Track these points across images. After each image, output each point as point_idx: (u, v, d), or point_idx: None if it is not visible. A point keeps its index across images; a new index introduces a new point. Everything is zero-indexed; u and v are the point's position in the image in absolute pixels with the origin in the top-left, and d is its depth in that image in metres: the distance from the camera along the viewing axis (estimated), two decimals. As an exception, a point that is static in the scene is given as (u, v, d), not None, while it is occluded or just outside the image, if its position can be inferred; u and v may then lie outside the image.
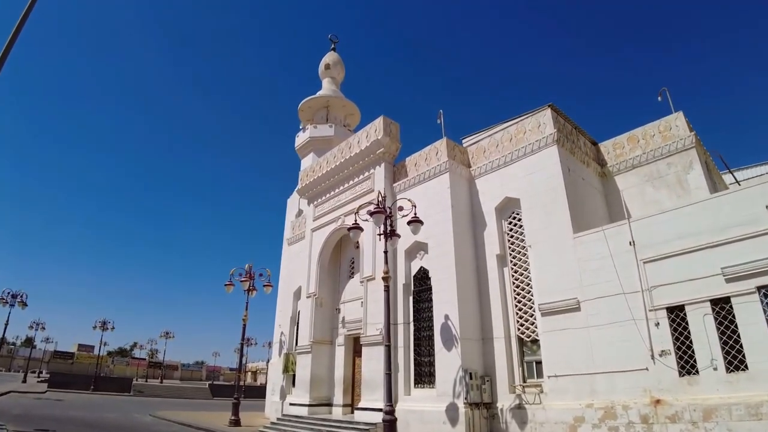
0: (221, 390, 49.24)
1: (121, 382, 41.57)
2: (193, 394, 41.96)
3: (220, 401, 39.41)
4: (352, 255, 19.14)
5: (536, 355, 12.45)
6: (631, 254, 10.93)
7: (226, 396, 45.70)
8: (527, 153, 13.91)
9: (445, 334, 12.93)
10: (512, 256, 13.72)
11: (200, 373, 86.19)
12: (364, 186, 17.77)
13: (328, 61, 32.24)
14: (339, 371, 17.66)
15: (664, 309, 10.15)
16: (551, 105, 14.09)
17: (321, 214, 19.99)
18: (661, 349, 9.97)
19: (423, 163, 16.02)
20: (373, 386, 14.22)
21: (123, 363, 65.90)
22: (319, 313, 18.61)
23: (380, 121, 17.14)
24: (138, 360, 70.48)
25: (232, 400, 19.10)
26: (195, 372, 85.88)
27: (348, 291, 18.56)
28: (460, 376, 12.16)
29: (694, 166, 13.73)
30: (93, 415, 19.43)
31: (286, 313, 22.00)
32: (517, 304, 13.17)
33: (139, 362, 68.55)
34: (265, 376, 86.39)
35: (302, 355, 18.34)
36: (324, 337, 18.40)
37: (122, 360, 67.78)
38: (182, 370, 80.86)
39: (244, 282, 20.33)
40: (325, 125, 28.90)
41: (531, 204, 13.28)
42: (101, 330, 42.24)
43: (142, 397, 36.47)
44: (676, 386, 9.62)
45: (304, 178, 21.32)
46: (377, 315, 15.01)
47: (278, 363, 21.34)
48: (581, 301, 11.39)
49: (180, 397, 39.50)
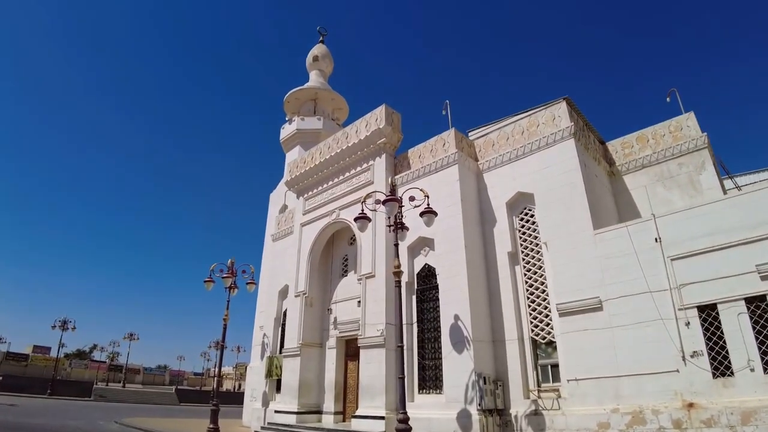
0: (188, 395, 46.92)
1: (81, 386, 38.75)
2: (159, 399, 39.59)
3: (188, 407, 37.32)
4: (346, 252, 18.10)
5: (552, 358, 11.77)
6: (657, 251, 10.42)
7: (194, 401, 43.56)
8: (541, 146, 13.31)
9: (456, 336, 12.08)
10: (525, 254, 13.04)
11: (163, 378, 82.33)
12: (362, 178, 16.80)
13: (316, 53, 31.16)
14: (330, 376, 16.52)
15: (695, 308, 9.66)
16: (566, 98, 13.57)
17: (312, 208, 18.86)
18: (692, 350, 9.46)
19: (428, 155, 15.21)
20: (372, 392, 13.20)
21: (81, 366, 61.82)
22: (309, 313, 17.44)
23: (382, 110, 16.24)
24: (98, 363, 66.45)
25: (210, 407, 17.57)
26: (158, 376, 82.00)
27: (341, 290, 17.48)
28: (472, 381, 11.32)
29: (706, 167, 13.50)
30: (53, 422, 17.52)
31: (269, 314, 20.61)
32: (530, 304, 12.48)
33: (99, 365, 64.61)
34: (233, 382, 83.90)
35: (290, 359, 17.10)
36: (313, 340, 17.23)
37: (81, 363, 63.60)
38: (144, 374, 76.90)
39: (226, 278, 18.86)
40: (313, 118, 27.80)
41: (546, 199, 12.65)
42: (61, 330, 39.27)
43: (104, 402, 33.98)
44: (710, 389, 9.11)
45: (294, 169, 20.14)
46: (377, 315, 14.04)
47: (260, 367, 19.94)
48: (603, 300, 10.79)
49: (145, 402, 37.11)
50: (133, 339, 54.55)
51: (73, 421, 18.72)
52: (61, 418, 19.23)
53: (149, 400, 38.20)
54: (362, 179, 16.74)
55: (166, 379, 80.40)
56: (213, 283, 19.11)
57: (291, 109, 29.71)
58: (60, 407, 25.58)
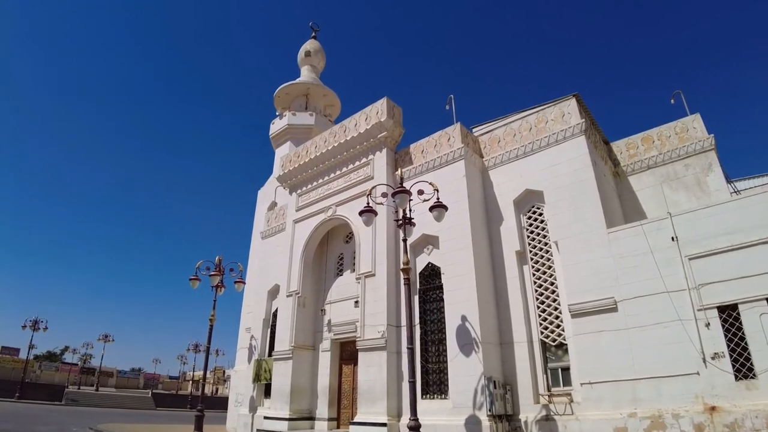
0: (165, 399, 45.25)
1: (51, 389, 36.79)
2: (135, 404, 37.89)
3: (165, 412, 35.85)
4: (341, 250, 17.41)
5: (562, 361, 11.34)
6: (674, 251, 10.11)
7: (170, 406, 42.02)
8: (551, 143, 12.95)
9: (463, 338, 11.54)
10: (533, 253, 12.62)
11: (137, 381, 79.51)
12: (361, 173, 16.18)
13: (309, 48, 30.44)
14: (323, 380, 15.77)
15: (715, 308, 9.35)
16: (576, 95, 13.26)
17: (306, 204, 18.13)
18: (713, 352, 9.13)
19: (432, 150, 14.70)
20: (373, 397, 12.53)
21: (52, 368, 58.85)
22: (302, 314, 16.66)
23: (383, 103, 15.67)
24: (69, 365, 63.44)
25: (195, 412, 16.67)
26: (132, 379, 79.14)
27: (335, 290, 16.77)
28: (482, 385, 10.78)
29: (713, 168, 13.35)
30: (23, 429, 16.24)
31: (257, 315, 19.71)
32: (539, 305, 12.05)
33: (70, 368, 61.65)
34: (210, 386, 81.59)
35: (281, 362, 16.26)
36: (306, 342, 16.44)
37: (51, 365, 60.59)
38: (118, 378, 73.97)
39: (214, 276, 17.94)
40: (304, 113, 27.05)
41: (556, 197, 12.27)
42: (32, 330, 37.14)
43: (76, 406, 32.29)
44: (732, 391, 8.79)
45: (286, 164, 19.37)
46: (378, 316, 13.40)
47: (247, 371, 19.01)
48: (618, 300, 10.42)
49: (120, 406, 35.42)
50: (108, 340, 52.30)
51: (44, 427, 17.46)
52: (32, 424, 17.94)
53: (124, 405, 36.48)
54: (361, 174, 16.12)
55: (140, 383, 77.74)
56: (199, 281, 18.25)
57: (281, 105, 28.90)
58: (29, 412, 24.03)
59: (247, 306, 23.14)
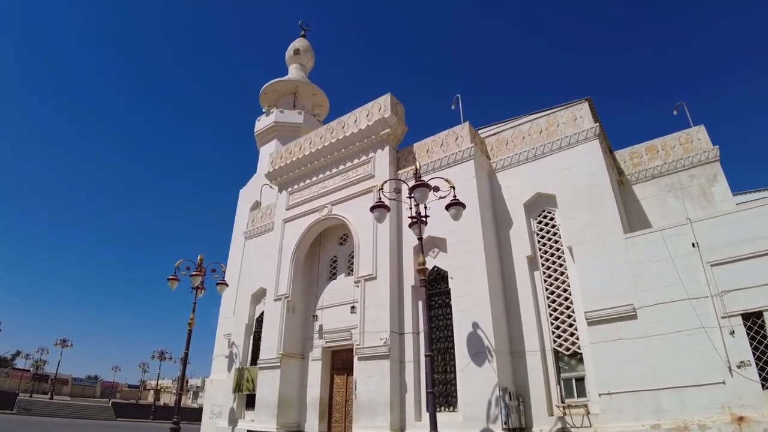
0: (126, 409, 42.56)
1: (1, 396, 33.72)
2: (94, 414, 35.28)
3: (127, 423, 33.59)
4: (335, 252, 16.55)
5: (576, 371, 10.87)
6: (695, 257, 9.84)
7: (133, 416, 39.52)
8: (563, 146, 12.62)
9: (475, 346, 10.90)
10: (544, 259, 12.18)
11: (94, 389, 74.80)
12: (360, 171, 15.45)
13: (298, 46, 29.65)
14: (313, 391, 14.78)
15: (739, 316, 9.09)
16: (588, 99, 13.03)
17: (297, 203, 17.21)
18: (739, 360, 8.84)
19: (438, 150, 14.15)
20: (373, 410, 11.69)
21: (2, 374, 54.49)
22: (291, 320, 15.67)
23: (387, 99, 15.05)
24: (21, 371, 58.84)
25: (170, 425, 15.30)
26: (88, 388, 74.36)
27: (328, 294, 15.86)
28: (496, 396, 10.15)
29: (718, 179, 13.38)
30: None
31: (239, 320, 18.48)
32: (551, 312, 11.58)
33: (22, 374, 57.16)
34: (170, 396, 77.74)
35: (267, 371, 15.16)
36: (294, 350, 15.43)
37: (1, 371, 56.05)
38: (73, 385, 69.26)
39: (195, 276, 16.64)
40: (293, 111, 26.20)
41: (570, 201, 11.90)
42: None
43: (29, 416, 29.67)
44: (760, 401, 8.48)
45: (276, 160, 18.41)
46: (379, 322, 12.62)
47: (227, 380, 17.74)
48: (638, 307, 10.04)
49: (78, 416, 32.83)
50: (66, 345, 48.85)
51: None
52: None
53: (83, 415, 33.83)
54: (360, 172, 15.38)
55: (96, 391, 73.28)
56: (178, 281, 16.85)
57: (268, 101, 27.87)
58: (-25, 424, 21.72)
59: (225, 311, 21.86)
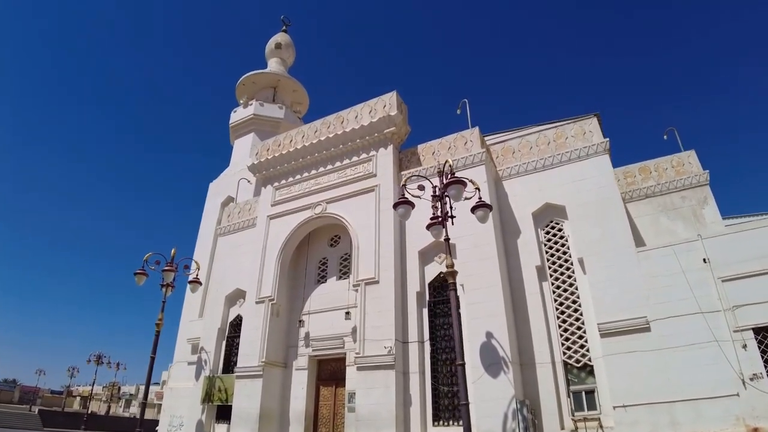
0: (55, 418, 37.98)
1: None
2: (16, 423, 31.03)
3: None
4: (325, 253, 15.60)
5: (585, 384, 10.69)
6: (706, 272, 10.07)
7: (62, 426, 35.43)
8: (572, 159, 12.65)
9: (489, 357, 10.42)
10: (553, 269, 12.04)
11: (11, 395, 66.91)
12: (360, 169, 14.73)
13: (279, 40, 28.57)
14: (297, 404, 13.66)
15: (751, 330, 9.37)
16: (597, 114, 13.23)
17: (286, 199, 16.16)
18: (752, 373, 9.05)
19: (445, 153, 13.75)
20: (376, 424, 10.84)
21: None
22: (275, 324, 14.50)
23: (393, 97, 14.52)
24: None
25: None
26: (5, 392, 66.41)
27: (317, 298, 14.86)
28: (513, 410, 9.69)
29: (708, 202, 13.96)
30: None
31: (211, 324, 16.86)
32: (561, 324, 11.39)
33: None
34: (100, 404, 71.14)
35: (247, 380, 13.83)
36: (277, 358, 14.24)
37: None
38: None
39: (168, 272, 15.03)
40: (273, 105, 25.02)
41: (581, 213, 11.87)
42: None
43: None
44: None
45: (263, 153, 17.27)
46: (382, 329, 11.86)
47: (194, 388, 16.06)
48: (651, 320, 10.08)
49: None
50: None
51: None
52: None
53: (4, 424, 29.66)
54: (360, 171, 14.67)
55: (15, 396, 65.60)
56: (146, 276, 15.14)
57: (246, 93, 26.49)
58: None
59: (188, 313, 20.06)
